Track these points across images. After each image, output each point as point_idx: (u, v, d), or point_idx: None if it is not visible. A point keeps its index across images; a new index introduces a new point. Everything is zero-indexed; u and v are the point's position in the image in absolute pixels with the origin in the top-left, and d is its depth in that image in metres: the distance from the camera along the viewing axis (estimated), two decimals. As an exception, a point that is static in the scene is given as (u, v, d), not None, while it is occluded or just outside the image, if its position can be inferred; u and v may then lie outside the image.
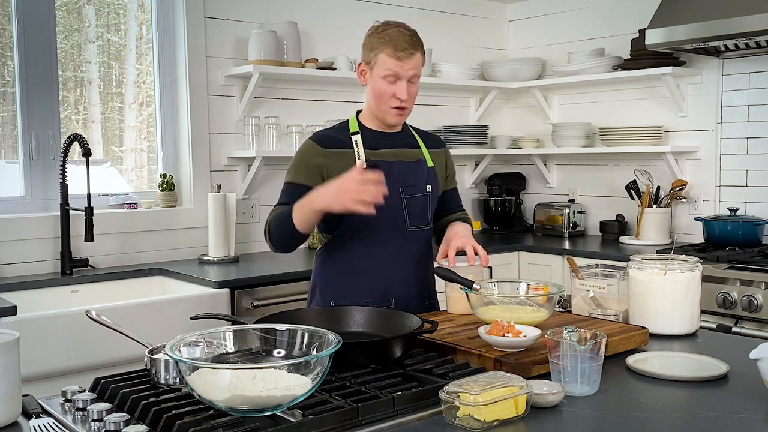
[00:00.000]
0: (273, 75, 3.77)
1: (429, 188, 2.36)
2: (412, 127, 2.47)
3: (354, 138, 2.29)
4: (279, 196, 2.31)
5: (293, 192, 2.23)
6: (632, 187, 4.14)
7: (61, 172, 3.19)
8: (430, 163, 2.39)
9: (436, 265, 2.21)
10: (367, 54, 2.27)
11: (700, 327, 2.15)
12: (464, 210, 2.60)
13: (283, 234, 2.19)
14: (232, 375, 1.31)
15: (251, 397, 1.28)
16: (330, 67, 3.91)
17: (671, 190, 4.05)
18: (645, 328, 1.95)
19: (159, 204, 3.66)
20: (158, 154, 3.76)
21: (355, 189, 1.97)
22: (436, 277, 2.19)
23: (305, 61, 3.86)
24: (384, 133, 2.35)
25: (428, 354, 1.76)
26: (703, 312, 2.48)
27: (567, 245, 4.12)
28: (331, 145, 2.27)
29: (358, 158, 2.25)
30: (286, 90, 3.98)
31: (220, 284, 3.05)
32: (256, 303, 3.11)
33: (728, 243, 3.64)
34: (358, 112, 2.39)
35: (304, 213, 2.11)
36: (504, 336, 1.71)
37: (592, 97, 4.53)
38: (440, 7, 4.57)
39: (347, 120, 2.38)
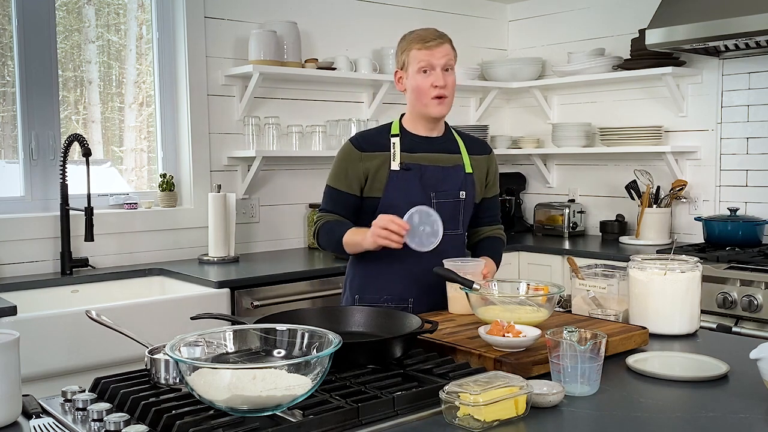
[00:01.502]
0: (273, 75, 3.77)
1: (463, 194, 2.38)
2: (457, 131, 2.49)
3: (393, 140, 2.35)
4: (323, 196, 2.44)
5: (336, 198, 2.38)
6: (632, 187, 4.13)
7: (61, 172, 3.19)
8: (468, 169, 2.41)
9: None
10: (400, 57, 2.36)
11: (700, 327, 2.14)
12: (500, 223, 2.61)
13: (334, 249, 2.38)
14: (232, 375, 1.30)
15: (251, 397, 1.28)
16: (330, 67, 3.90)
17: (671, 190, 4.04)
18: (645, 328, 1.95)
19: (159, 204, 3.65)
20: (158, 154, 3.75)
21: (378, 232, 2.16)
22: None
23: (305, 61, 3.85)
24: (423, 137, 2.39)
25: (428, 354, 1.76)
26: (703, 312, 2.48)
27: (567, 245, 4.12)
28: (368, 148, 2.35)
29: (393, 160, 2.32)
30: (286, 90, 3.97)
31: (220, 284, 3.05)
32: (256, 303, 3.11)
33: (728, 243, 3.63)
34: (402, 116, 2.44)
35: (354, 248, 2.30)
36: (504, 336, 1.71)
37: (592, 97, 4.53)
38: (440, 7, 4.57)
39: (390, 122, 2.45)
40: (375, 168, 2.33)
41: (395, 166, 2.32)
